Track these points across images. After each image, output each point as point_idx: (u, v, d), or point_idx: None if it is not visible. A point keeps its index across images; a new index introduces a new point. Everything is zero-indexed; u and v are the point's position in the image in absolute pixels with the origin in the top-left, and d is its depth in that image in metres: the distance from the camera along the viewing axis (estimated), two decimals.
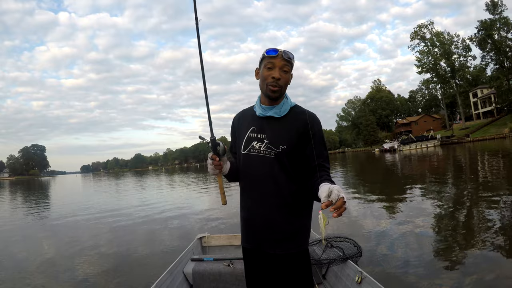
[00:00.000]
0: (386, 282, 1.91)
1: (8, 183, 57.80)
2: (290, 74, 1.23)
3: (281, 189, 1.21)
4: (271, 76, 1.19)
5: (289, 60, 1.20)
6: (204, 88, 1.33)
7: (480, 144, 30.65)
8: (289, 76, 1.23)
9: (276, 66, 1.19)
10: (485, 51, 43.27)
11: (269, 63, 1.20)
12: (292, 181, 1.21)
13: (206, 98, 1.32)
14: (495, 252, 3.14)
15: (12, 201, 15.63)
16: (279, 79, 1.19)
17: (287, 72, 1.21)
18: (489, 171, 10.43)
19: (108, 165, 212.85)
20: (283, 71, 1.20)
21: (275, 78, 1.18)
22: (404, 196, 7.09)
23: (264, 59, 1.21)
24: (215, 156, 1.26)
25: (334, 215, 0.89)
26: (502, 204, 5.17)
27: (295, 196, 1.22)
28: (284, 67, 1.20)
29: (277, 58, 1.19)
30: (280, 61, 1.19)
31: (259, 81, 1.26)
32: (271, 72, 1.19)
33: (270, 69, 1.20)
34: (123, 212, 8.25)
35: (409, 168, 15.53)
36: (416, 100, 77.19)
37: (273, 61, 1.19)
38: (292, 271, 1.22)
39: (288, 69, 1.21)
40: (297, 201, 1.23)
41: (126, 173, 67.21)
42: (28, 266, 4.07)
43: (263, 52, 1.22)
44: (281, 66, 1.19)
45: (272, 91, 1.20)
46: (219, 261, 2.41)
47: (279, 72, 1.19)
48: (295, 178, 1.21)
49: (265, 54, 1.21)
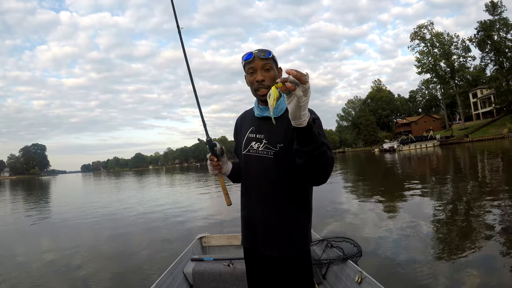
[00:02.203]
0: (386, 282, 1.91)
1: (8, 182, 57.79)
2: (274, 70, 1.21)
3: (279, 189, 1.20)
4: (255, 80, 1.19)
5: (267, 57, 1.18)
6: (194, 92, 1.39)
7: (479, 144, 30.69)
8: (273, 72, 1.20)
9: (257, 69, 1.18)
10: (485, 52, 43.30)
11: (249, 69, 1.20)
12: (291, 182, 1.20)
13: (198, 103, 1.37)
14: (495, 252, 3.15)
15: (12, 202, 15.61)
16: (263, 80, 1.18)
17: (269, 69, 1.19)
18: (488, 171, 10.44)
19: (108, 164, 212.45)
20: (265, 70, 1.19)
21: (258, 81, 1.18)
22: (403, 196, 7.10)
23: (245, 66, 1.21)
24: (213, 157, 1.28)
25: (287, 81, 0.84)
26: (501, 204, 5.18)
27: (293, 196, 1.21)
28: (265, 66, 1.18)
29: (254, 60, 1.18)
30: (258, 62, 1.18)
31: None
32: (254, 76, 1.19)
33: (252, 73, 1.20)
34: (123, 212, 8.25)
35: (409, 168, 15.54)
36: (416, 100, 77.19)
37: (252, 65, 1.19)
38: (291, 272, 1.20)
39: (270, 66, 1.19)
40: (295, 202, 1.21)
41: (126, 173, 67.19)
42: (28, 266, 4.08)
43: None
44: (261, 66, 1.18)
45: (260, 95, 1.20)
46: (219, 261, 2.41)
47: (261, 73, 1.18)
48: (293, 179, 1.19)
49: (242, 61, 1.21)
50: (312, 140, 0.95)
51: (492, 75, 42.69)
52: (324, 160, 0.98)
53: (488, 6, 41.91)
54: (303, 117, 0.91)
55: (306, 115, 0.92)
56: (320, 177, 1.03)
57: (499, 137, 35.10)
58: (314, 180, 1.06)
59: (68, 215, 8.47)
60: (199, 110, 1.39)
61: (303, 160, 0.99)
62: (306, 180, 1.08)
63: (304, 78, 0.85)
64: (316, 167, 0.99)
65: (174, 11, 1.38)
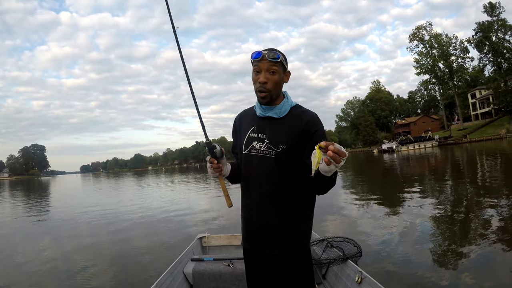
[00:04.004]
0: (386, 282, 1.92)
1: (8, 183, 57.61)
2: (280, 74, 1.18)
3: (280, 189, 1.20)
4: (258, 81, 1.17)
5: (275, 60, 1.16)
6: (192, 94, 1.38)
7: (477, 144, 30.80)
8: (279, 76, 1.18)
9: (262, 69, 1.17)
10: (483, 53, 43.48)
11: (256, 67, 1.18)
12: (292, 182, 1.19)
13: (196, 106, 1.37)
14: (495, 252, 3.16)
15: (12, 202, 15.56)
16: (266, 83, 1.16)
17: (275, 72, 1.17)
18: (486, 171, 10.46)
19: (107, 165, 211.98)
20: (271, 72, 1.17)
21: (261, 82, 1.16)
22: (403, 196, 7.11)
23: (252, 62, 1.20)
24: (213, 159, 1.25)
25: (329, 153, 0.90)
26: (499, 203, 5.20)
27: (294, 196, 1.20)
28: (271, 68, 1.16)
29: (262, 60, 1.16)
30: (265, 63, 1.16)
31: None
32: (258, 76, 1.18)
33: (258, 72, 1.18)
34: (123, 212, 8.24)
35: (407, 169, 15.58)
36: (415, 101, 77.36)
37: (259, 64, 1.17)
38: (291, 272, 1.20)
39: (276, 69, 1.17)
40: (296, 202, 1.21)
41: (125, 173, 67.07)
42: (27, 266, 4.06)
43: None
44: (267, 68, 1.16)
45: (260, 97, 1.19)
46: (219, 261, 2.41)
47: (265, 75, 1.16)
48: (295, 179, 1.19)
49: (251, 58, 1.20)
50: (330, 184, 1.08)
51: (490, 76, 42.87)
52: (330, 186, 1.10)
53: (487, 7, 42.10)
54: (330, 173, 0.99)
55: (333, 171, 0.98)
56: (323, 193, 1.17)
57: (497, 137, 35.23)
58: (318, 194, 1.23)
59: (68, 215, 8.45)
60: (197, 113, 1.37)
61: (314, 187, 1.14)
62: (309, 193, 1.23)
63: (339, 159, 0.91)
64: (321, 191, 1.15)
65: (169, 11, 1.36)
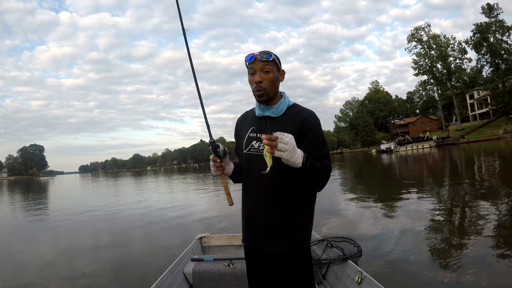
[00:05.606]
0: (386, 282, 1.92)
1: (6, 183, 57.35)
2: (274, 72, 1.24)
3: (279, 188, 1.22)
4: (254, 81, 1.23)
5: (267, 60, 1.21)
6: (198, 93, 1.40)
7: (475, 145, 30.93)
8: (273, 74, 1.23)
9: (257, 70, 1.22)
10: (481, 54, 43.64)
11: (250, 69, 1.24)
12: (291, 181, 1.20)
13: (202, 104, 1.39)
14: (494, 252, 3.17)
15: (11, 203, 15.49)
16: (261, 82, 1.22)
17: (269, 71, 1.22)
18: (483, 171, 10.51)
19: (106, 165, 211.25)
20: (265, 71, 1.22)
21: (256, 82, 1.22)
22: (402, 196, 7.13)
23: (247, 66, 1.25)
24: (216, 158, 1.29)
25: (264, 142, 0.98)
26: (497, 203, 5.22)
27: (294, 195, 1.22)
28: (265, 68, 1.22)
29: (256, 62, 1.22)
30: (259, 63, 1.22)
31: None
32: (253, 77, 1.23)
33: (253, 74, 1.24)
34: (122, 213, 8.22)
35: (405, 169, 15.63)
36: (413, 102, 77.61)
37: (253, 66, 1.23)
38: (291, 271, 1.21)
39: (269, 69, 1.22)
40: (296, 201, 1.23)
41: (124, 173, 66.89)
42: (27, 266, 4.05)
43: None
44: (260, 68, 1.22)
45: (258, 96, 1.24)
46: (219, 261, 2.42)
47: (260, 74, 1.22)
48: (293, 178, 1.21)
49: (245, 61, 1.25)
50: (307, 173, 1.09)
51: (488, 77, 43.03)
52: (319, 180, 1.13)
53: (485, 9, 42.25)
54: (295, 162, 1.03)
55: (298, 159, 1.03)
56: (316, 190, 1.21)
57: (495, 138, 35.40)
58: (312, 191, 1.25)
59: (67, 215, 8.42)
60: (203, 112, 1.40)
61: (302, 184, 1.15)
62: (305, 191, 1.24)
63: (274, 143, 0.97)
64: (313, 186, 1.17)
65: (179, 12, 1.40)
